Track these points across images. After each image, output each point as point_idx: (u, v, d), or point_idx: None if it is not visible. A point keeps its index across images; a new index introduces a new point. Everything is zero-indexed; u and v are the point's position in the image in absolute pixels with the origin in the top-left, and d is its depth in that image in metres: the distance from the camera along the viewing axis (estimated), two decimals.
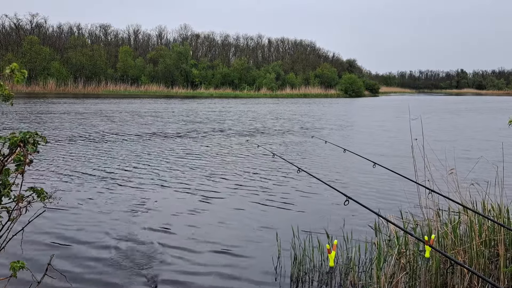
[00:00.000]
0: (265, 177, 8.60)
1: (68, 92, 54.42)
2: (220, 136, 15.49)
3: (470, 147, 13.37)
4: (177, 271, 4.33)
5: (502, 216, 4.20)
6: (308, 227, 5.40)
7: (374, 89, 78.27)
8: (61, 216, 5.93)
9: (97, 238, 5.15)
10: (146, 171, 9.01)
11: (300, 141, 14.41)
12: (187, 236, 5.29)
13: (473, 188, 4.79)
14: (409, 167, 9.20)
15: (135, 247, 4.91)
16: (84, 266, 4.39)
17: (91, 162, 9.91)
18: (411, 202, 6.12)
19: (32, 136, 2.33)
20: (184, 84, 64.64)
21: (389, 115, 28.26)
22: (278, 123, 20.79)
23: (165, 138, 14.53)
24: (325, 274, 4.22)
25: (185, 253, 4.79)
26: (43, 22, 68.30)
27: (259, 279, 4.18)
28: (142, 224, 5.69)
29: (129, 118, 22.13)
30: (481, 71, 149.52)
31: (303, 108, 34.79)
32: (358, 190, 7.54)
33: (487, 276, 3.69)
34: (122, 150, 11.75)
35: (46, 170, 8.87)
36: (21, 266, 2.33)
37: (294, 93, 63.14)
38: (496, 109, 37.53)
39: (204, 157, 10.98)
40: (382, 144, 14.16)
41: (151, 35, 79.73)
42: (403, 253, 3.95)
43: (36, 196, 2.52)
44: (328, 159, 10.88)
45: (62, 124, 18.43)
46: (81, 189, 7.44)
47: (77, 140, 13.57)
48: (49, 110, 25.83)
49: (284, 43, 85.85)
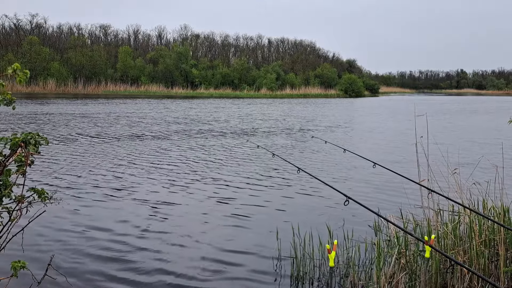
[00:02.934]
0: (265, 177, 8.60)
1: (68, 93, 54.43)
2: (220, 136, 15.49)
3: (471, 147, 13.37)
4: (177, 270, 4.33)
5: (502, 216, 4.20)
6: (308, 227, 5.40)
7: (374, 89, 78.27)
8: (61, 216, 5.94)
9: (97, 238, 5.15)
10: (146, 172, 9.02)
11: (300, 141, 14.41)
12: (186, 235, 5.29)
13: (473, 188, 4.80)
14: (409, 167, 9.24)
15: (136, 247, 4.91)
16: (84, 266, 4.39)
17: (92, 163, 9.91)
18: (411, 202, 6.12)
19: (34, 137, 2.34)
20: (184, 84, 64.65)
21: (389, 115, 28.26)
22: (278, 123, 20.79)
23: (165, 139, 14.53)
24: (325, 274, 4.22)
25: (185, 252, 4.80)
26: (43, 22, 68.44)
27: (259, 279, 4.19)
28: (143, 224, 5.70)
29: (129, 118, 22.14)
30: (481, 71, 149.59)
31: (303, 108, 34.79)
32: (358, 190, 7.54)
33: (487, 276, 3.70)
34: (122, 150, 11.76)
35: (47, 170, 8.87)
36: (22, 265, 2.33)
37: (294, 93, 63.13)
38: (496, 109, 37.54)
39: (204, 157, 10.98)
40: (382, 144, 14.16)
41: (151, 35, 79.89)
42: (403, 253, 3.95)
43: (37, 196, 2.52)
44: (328, 159, 10.88)
45: (62, 124, 18.44)
46: (81, 189, 7.44)
47: (77, 141, 13.58)
48: (49, 111, 25.83)
49: (284, 43, 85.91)
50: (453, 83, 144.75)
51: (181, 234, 5.36)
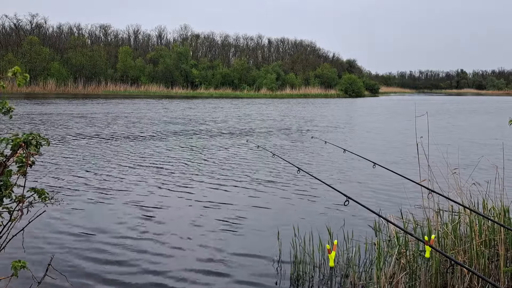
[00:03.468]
0: (265, 177, 8.60)
1: (68, 93, 54.41)
2: (219, 136, 15.49)
3: (471, 147, 13.37)
4: (176, 270, 4.33)
5: (502, 216, 4.20)
6: (308, 227, 5.41)
7: (374, 89, 78.29)
8: (62, 216, 5.94)
9: (98, 239, 5.15)
10: (146, 172, 9.02)
11: (300, 142, 14.41)
12: (186, 236, 5.30)
13: (473, 188, 4.80)
14: (409, 167, 9.24)
15: (136, 247, 4.91)
16: (84, 266, 4.40)
17: (92, 163, 9.91)
18: (411, 202, 6.12)
19: (35, 138, 2.34)
20: (184, 84, 64.64)
21: (389, 115, 28.26)
22: (278, 124, 20.79)
23: (166, 139, 14.53)
24: (325, 274, 4.23)
25: (184, 253, 4.80)
26: (43, 22, 68.39)
27: (259, 279, 4.19)
28: (143, 224, 5.70)
29: (129, 119, 22.14)
30: (481, 71, 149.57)
31: (302, 108, 34.79)
32: (358, 190, 7.54)
33: (487, 276, 3.70)
34: (121, 151, 11.76)
35: (47, 171, 8.87)
36: (22, 265, 2.33)
37: (294, 93, 63.12)
38: (496, 109, 37.54)
39: (204, 157, 10.99)
40: (382, 144, 14.17)
41: (151, 36, 79.81)
42: (403, 253, 3.96)
43: (37, 196, 2.53)
44: (328, 159, 10.88)
45: (61, 124, 18.44)
46: (82, 189, 7.45)
47: (77, 141, 13.58)
48: (50, 111, 25.83)
49: (284, 43, 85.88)
50: (453, 83, 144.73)
51: (180, 236, 5.36)
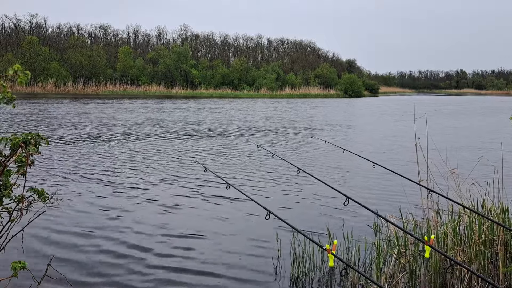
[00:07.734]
0: (265, 177, 8.60)
1: (68, 93, 54.38)
2: (219, 136, 15.49)
3: (470, 147, 13.38)
4: (176, 271, 4.33)
5: (502, 216, 4.20)
6: (308, 227, 5.41)
7: (374, 89, 78.26)
8: (61, 216, 5.94)
9: (97, 238, 5.15)
10: (146, 172, 9.02)
11: (299, 141, 14.41)
12: (186, 236, 5.29)
13: (473, 188, 4.80)
14: (409, 167, 9.24)
15: (136, 248, 4.91)
16: (84, 267, 4.39)
17: (92, 163, 9.91)
18: (411, 202, 6.12)
19: (34, 137, 2.34)
20: (183, 84, 64.61)
21: (388, 115, 28.26)
22: (278, 124, 20.79)
23: (166, 139, 14.53)
24: (325, 275, 4.23)
25: (184, 253, 4.80)
26: (42, 22, 68.34)
27: (259, 279, 4.19)
28: (143, 224, 5.70)
29: (129, 119, 22.13)
30: (481, 71, 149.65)
31: (302, 108, 34.79)
32: (358, 190, 7.54)
33: (487, 276, 3.70)
34: (121, 151, 11.76)
35: (46, 171, 8.87)
36: (22, 266, 2.33)
37: (293, 93, 63.10)
38: (496, 109, 37.55)
39: (203, 157, 10.99)
40: (382, 144, 14.17)
41: (151, 36, 79.73)
42: (403, 253, 3.96)
43: (37, 196, 2.52)
44: (327, 159, 10.88)
45: (61, 124, 18.43)
46: (82, 189, 7.44)
47: (77, 141, 13.58)
48: (50, 111, 25.82)
49: (283, 43, 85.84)
50: (452, 83, 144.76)
51: (179, 234, 5.35)
